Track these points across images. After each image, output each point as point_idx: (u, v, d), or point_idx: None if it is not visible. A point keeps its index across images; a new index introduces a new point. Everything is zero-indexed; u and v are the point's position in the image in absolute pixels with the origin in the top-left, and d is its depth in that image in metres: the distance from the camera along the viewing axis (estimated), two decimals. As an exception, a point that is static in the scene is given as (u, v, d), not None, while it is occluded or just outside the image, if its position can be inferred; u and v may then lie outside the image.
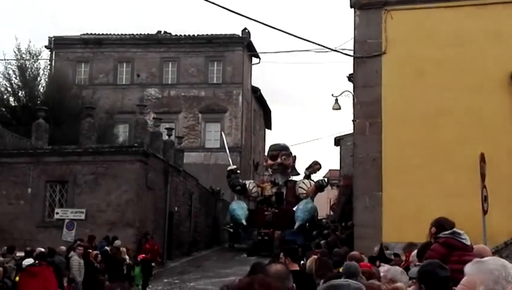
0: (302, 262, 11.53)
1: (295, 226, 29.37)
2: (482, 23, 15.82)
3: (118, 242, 19.37)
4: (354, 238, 16.44)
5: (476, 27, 15.86)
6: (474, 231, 8.66)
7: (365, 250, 12.34)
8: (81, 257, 15.66)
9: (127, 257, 19.14)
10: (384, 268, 7.52)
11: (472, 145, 14.29)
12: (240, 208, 31.27)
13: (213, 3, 14.69)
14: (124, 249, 19.20)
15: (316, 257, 10.96)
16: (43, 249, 15.02)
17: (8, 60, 30.23)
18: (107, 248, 18.46)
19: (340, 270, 9.62)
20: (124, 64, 42.16)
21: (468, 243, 6.22)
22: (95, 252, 16.94)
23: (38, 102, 28.88)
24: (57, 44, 41.39)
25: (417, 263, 6.88)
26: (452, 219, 6.67)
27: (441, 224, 6.52)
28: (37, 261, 13.22)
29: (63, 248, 16.79)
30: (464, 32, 15.93)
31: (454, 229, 6.32)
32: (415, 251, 7.28)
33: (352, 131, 19.11)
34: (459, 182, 14.63)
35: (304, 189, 32.30)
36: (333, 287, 2.56)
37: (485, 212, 12.15)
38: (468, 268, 2.46)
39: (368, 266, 8.73)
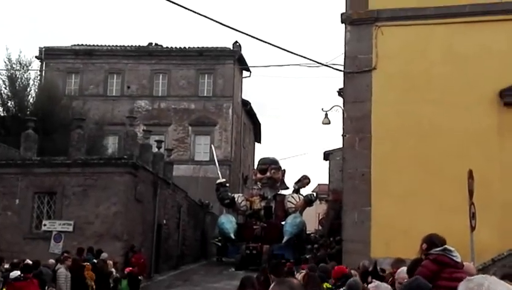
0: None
1: (283, 241, 29.33)
2: (472, 40, 15.96)
3: (104, 255, 19.25)
4: (343, 253, 16.42)
5: (466, 44, 15.99)
6: (464, 247, 8.67)
7: (353, 265, 12.33)
8: (67, 269, 15.50)
9: (113, 269, 19.01)
10: (373, 284, 7.50)
11: (462, 161, 14.35)
12: (228, 222, 31.19)
13: (205, 16, 14.74)
14: (111, 262, 19.07)
15: (304, 271, 10.94)
16: (30, 262, 14.86)
17: (-2, 69, 30.13)
18: (94, 261, 18.31)
19: (325, 286, 9.63)
20: (115, 76, 42.11)
21: (459, 260, 6.23)
22: (89, 271, 16.66)
23: (28, 112, 28.74)
24: (48, 54, 41.30)
25: (402, 281, 6.88)
26: (442, 235, 6.69)
27: (432, 241, 6.53)
28: (22, 275, 13.06)
29: (52, 261, 16.65)
30: (453, 49, 16.06)
31: (446, 246, 6.33)
32: (402, 268, 7.27)
33: (341, 146, 19.15)
34: (448, 198, 14.67)
35: (292, 203, 32.29)
36: None
37: (472, 229, 12.17)
38: (461, 287, 2.48)
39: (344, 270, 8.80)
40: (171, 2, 13.24)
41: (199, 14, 14.49)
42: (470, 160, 13.99)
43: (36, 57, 39.75)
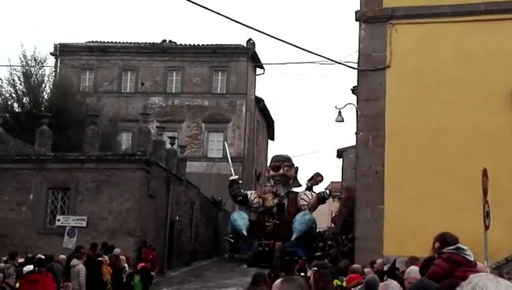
0: (302, 274, 11.52)
1: (292, 238, 29.33)
2: (486, 38, 15.85)
3: (117, 250, 19.34)
4: (355, 251, 16.40)
5: (480, 42, 15.89)
6: (476, 246, 8.64)
7: (366, 263, 12.32)
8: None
9: (126, 265, 19.10)
10: (383, 283, 7.47)
11: (475, 160, 14.28)
12: (241, 219, 31.25)
13: (219, 13, 14.77)
14: (124, 258, 19.16)
15: (315, 269, 10.95)
16: (42, 256, 14.97)
17: (13, 66, 30.41)
18: (105, 256, 18.38)
19: (336, 282, 9.63)
20: (129, 73, 42.29)
21: (472, 259, 6.20)
22: (106, 267, 16.70)
23: (43, 108, 28.97)
24: (62, 51, 41.54)
25: (412, 280, 6.85)
26: (455, 234, 6.67)
27: (445, 239, 6.51)
28: (36, 269, 13.20)
29: (63, 256, 16.75)
30: (467, 48, 15.96)
31: (458, 244, 6.31)
32: (411, 267, 7.24)
33: (354, 144, 19.10)
34: (462, 197, 14.61)
35: (305, 201, 32.30)
36: None
37: (486, 227, 12.12)
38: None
39: (359, 278, 8.77)
40: (185, -1, 13.26)
41: (213, 11, 14.53)
42: (482, 159, 13.91)
43: (51, 53, 40.03)
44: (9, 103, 30.27)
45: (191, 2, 13.55)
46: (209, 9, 14.40)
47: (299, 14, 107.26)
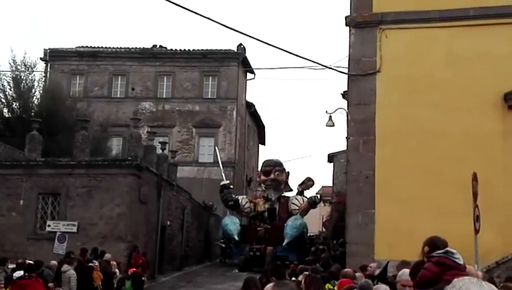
0: (293, 279, 11.53)
1: (284, 243, 29.33)
2: (475, 43, 15.96)
3: (108, 255, 19.30)
4: (346, 256, 16.42)
5: (469, 47, 15.99)
6: (467, 250, 8.69)
7: (357, 267, 12.34)
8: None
9: (117, 270, 19.06)
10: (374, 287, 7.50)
11: (465, 163, 14.36)
12: (232, 223, 31.23)
13: (209, 18, 14.78)
14: (114, 263, 19.13)
15: (306, 273, 10.95)
16: (31, 261, 14.91)
17: (3, 71, 30.29)
18: (95, 261, 18.34)
19: (328, 287, 9.64)
20: (119, 78, 42.23)
21: (461, 262, 6.25)
22: (97, 272, 16.67)
23: (33, 114, 28.86)
24: (52, 56, 41.44)
25: (405, 283, 6.88)
26: (445, 238, 6.71)
27: (434, 243, 6.56)
28: (26, 274, 13.13)
29: (54, 262, 16.69)
30: (456, 52, 16.06)
31: (448, 248, 6.36)
32: (403, 270, 7.28)
33: (345, 148, 19.17)
34: (452, 200, 14.68)
35: (296, 205, 32.33)
36: None
37: (476, 231, 12.18)
38: None
39: (350, 282, 8.77)
40: (175, 4, 13.30)
41: (203, 16, 14.54)
42: (472, 163, 14.01)
43: (41, 58, 39.90)
44: (-2, 108, 30.15)
45: (182, 7, 13.57)
46: (200, 15, 14.42)
47: (290, 19, 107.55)
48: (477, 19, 16.01)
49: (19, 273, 13.51)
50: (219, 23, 15.28)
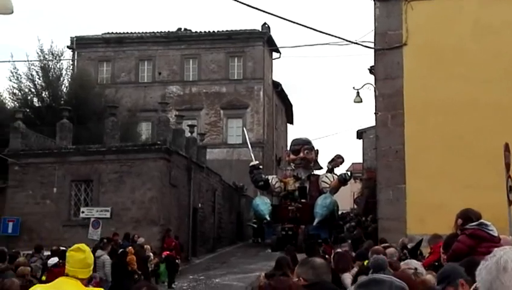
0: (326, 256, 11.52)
1: (314, 222, 29.26)
2: (502, 12, 15.63)
3: (141, 239, 19.51)
4: (379, 231, 16.37)
5: (496, 16, 15.66)
6: (498, 221, 8.57)
7: (390, 243, 12.29)
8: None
9: (151, 254, 19.27)
10: (404, 262, 7.43)
11: (495, 135, 14.11)
12: (263, 204, 31.27)
13: (232, -1, 14.65)
14: (148, 247, 19.33)
15: (339, 250, 10.94)
16: (64, 248, 15.13)
17: (31, 61, 30.56)
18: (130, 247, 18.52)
19: (365, 263, 9.61)
20: (145, 63, 42.40)
21: (496, 234, 6.16)
22: (131, 255, 16.85)
23: (62, 102, 29.15)
24: (79, 44, 41.72)
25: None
26: (477, 210, 6.62)
27: (468, 215, 6.47)
28: (61, 261, 13.33)
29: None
30: (483, 21, 15.74)
31: (481, 220, 6.27)
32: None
33: (374, 124, 19.00)
34: (484, 172, 14.48)
35: (327, 183, 32.22)
36: (375, 282, 2.53)
37: (510, 202, 12.00)
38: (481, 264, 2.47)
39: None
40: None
41: (226, -3, 14.45)
42: (503, 134, 13.72)
43: (68, 46, 40.19)
44: (28, 98, 30.49)
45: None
46: (222, -5, 14.32)
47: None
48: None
49: (54, 260, 13.74)
50: (243, 3, 15.16)
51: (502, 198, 12.00)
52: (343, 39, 18.09)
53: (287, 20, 16.63)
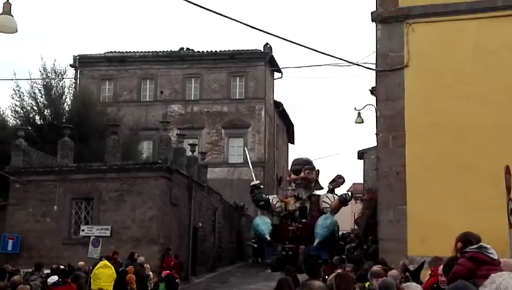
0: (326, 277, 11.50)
1: (315, 243, 29.19)
2: (504, 34, 15.70)
3: (141, 258, 19.48)
4: (379, 252, 16.32)
5: (497, 38, 15.72)
6: (499, 244, 8.57)
7: (390, 264, 12.26)
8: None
9: (151, 273, 19.22)
10: (404, 285, 7.42)
11: (497, 157, 14.11)
12: (263, 223, 31.20)
13: (234, 19, 14.79)
14: (148, 266, 19.29)
15: (339, 271, 10.90)
16: (64, 267, 15.10)
17: (33, 79, 30.70)
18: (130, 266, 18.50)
19: (366, 285, 9.58)
20: (148, 81, 42.59)
21: (495, 257, 6.17)
22: (131, 274, 16.83)
23: (64, 120, 29.23)
24: (82, 62, 41.95)
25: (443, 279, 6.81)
26: (478, 233, 6.62)
27: (467, 238, 6.48)
28: (60, 280, 13.30)
29: (82, 263, 16.91)
30: (485, 44, 15.81)
31: (481, 243, 6.28)
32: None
33: (375, 144, 19.04)
34: (485, 194, 14.46)
35: (327, 203, 32.17)
36: None
37: (511, 225, 11.99)
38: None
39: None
40: (201, 7, 13.34)
41: (229, 17, 14.56)
42: (504, 156, 13.74)
43: (70, 65, 40.45)
44: (31, 115, 30.60)
45: (207, 9, 13.61)
46: (225, 16, 14.44)
47: (315, 17, 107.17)
48: (506, 10, 15.74)
49: (53, 278, 13.70)
50: (245, 24, 15.28)
51: (504, 220, 12.00)
52: (345, 60, 18.18)
53: (289, 41, 16.70)
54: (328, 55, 17.28)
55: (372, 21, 17.01)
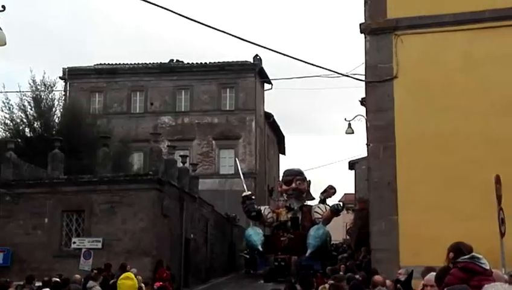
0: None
1: (307, 253, 29.23)
2: (491, 45, 15.82)
3: (134, 270, 19.37)
4: (372, 263, 16.36)
5: (485, 49, 15.85)
6: (491, 253, 8.63)
7: (380, 273, 12.29)
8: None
9: (143, 285, 19.12)
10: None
11: (487, 167, 14.20)
12: (255, 234, 31.21)
13: (224, 32, 14.87)
14: (140, 278, 19.19)
15: (332, 282, 10.94)
16: (58, 279, 15.00)
17: (23, 91, 30.66)
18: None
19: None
20: (138, 93, 42.61)
21: (488, 267, 6.20)
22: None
23: (54, 132, 29.16)
24: (71, 75, 41.92)
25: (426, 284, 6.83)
26: (470, 243, 6.67)
27: (459, 249, 6.52)
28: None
29: (78, 276, 16.82)
30: (473, 55, 15.94)
31: (473, 253, 6.32)
32: (430, 273, 7.23)
33: (366, 155, 19.12)
34: (476, 204, 14.55)
35: (319, 213, 32.23)
36: None
37: (502, 235, 12.07)
38: None
39: None
40: (190, 19, 13.41)
41: (219, 30, 14.63)
42: (494, 166, 13.84)
43: (60, 77, 40.38)
44: (20, 128, 30.52)
45: (197, 22, 13.68)
46: (215, 28, 14.52)
47: (304, 29, 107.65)
48: (493, 21, 15.89)
49: (46, 291, 13.64)
50: (234, 36, 15.36)
51: (494, 229, 12.08)
52: (334, 72, 18.28)
53: (278, 52, 16.77)
54: (318, 66, 17.37)
55: (361, 32, 17.13)
